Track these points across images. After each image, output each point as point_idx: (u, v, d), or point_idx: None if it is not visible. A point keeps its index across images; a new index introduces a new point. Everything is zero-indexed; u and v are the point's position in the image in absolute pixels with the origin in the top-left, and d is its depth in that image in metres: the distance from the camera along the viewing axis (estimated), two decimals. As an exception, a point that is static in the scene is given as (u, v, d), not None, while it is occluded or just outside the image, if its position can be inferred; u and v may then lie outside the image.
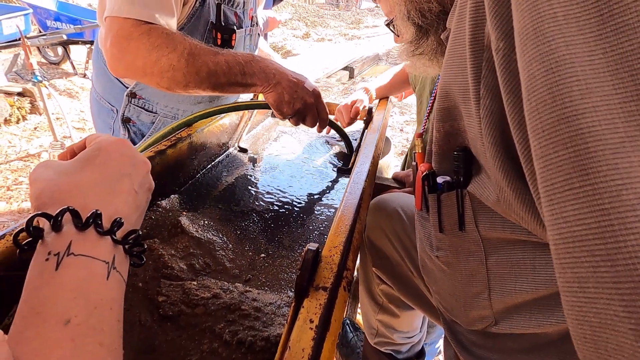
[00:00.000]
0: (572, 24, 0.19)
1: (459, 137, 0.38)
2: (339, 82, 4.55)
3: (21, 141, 2.42)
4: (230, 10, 0.86)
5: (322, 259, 0.45)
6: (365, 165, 0.72)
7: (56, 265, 0.27)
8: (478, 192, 0.37)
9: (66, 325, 0.24)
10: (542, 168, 0.20)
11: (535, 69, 0.20)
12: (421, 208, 0.48)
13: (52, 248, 0.28)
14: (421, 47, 0.51)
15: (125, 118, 0.90)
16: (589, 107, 0.18)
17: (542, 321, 0.40)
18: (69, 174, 0.32)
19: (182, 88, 0.66)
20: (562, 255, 0.19)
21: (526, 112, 0.21)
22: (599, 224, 0.18)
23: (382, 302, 0.82)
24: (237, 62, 0.66)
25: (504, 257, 0.39)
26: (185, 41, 0.65)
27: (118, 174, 0.34)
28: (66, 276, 0.27)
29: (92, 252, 0.28)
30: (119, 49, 0.65)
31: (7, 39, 3.33)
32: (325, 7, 11.32)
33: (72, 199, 0.30)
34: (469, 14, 0.31)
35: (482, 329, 0.46)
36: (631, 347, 0.17)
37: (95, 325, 0.26)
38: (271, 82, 0.68)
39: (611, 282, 0.17)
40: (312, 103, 0.72)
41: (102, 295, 0.28)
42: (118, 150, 0.36)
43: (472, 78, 0.31)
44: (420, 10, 0.47)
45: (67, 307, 0.25)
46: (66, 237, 0.28)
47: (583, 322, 0.19)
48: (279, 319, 0.48)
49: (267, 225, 0.70)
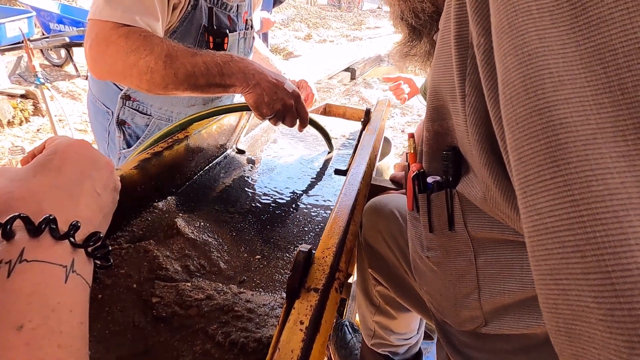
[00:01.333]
0: (546, 17, 0.19)
1: (448, 136, 0.38)
2: (341, 83, 4.56)
3: (24, 143, 2.44)
4: (223, 14, 0.86)
5: (315, 260, 0.45)
6: (361, 166, 0.72)
7: (8, 273, 0.27)
8: (466, 191, 0.37)
9: (19, 330, 0.25)
10: (516, 160, 0.20)
11: (509, 62, 0.20)
12: (412, 208, 0.48)
13: (3, 256, 0.27)
14: (414, 48, 0.51)
15: (120, 120, 0.91)
16: (561, 99, 0.18)
17: (530, 322, 0.40)
18: (23, 180, 0.32)
19: (161, 90, 0.67)
20: (536, 248, 0.19)
21: (501, 105, 0.21)
22: (568, 215, 0.18)
23: (379, 303, 0.82)
24: (216, 63, 0.66)
25: (493, 257, 0.39)
26: (162, 43, 0.65)
27: (76, 176, 0.34)
28: (19, 283, 0.27)
29: (46, 257, 0.28)
30: (98, 52, 0.65)
31: (11, 41, 3.36)
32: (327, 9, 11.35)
33: (26, 206, 0.30)
34: (453, 12, 0.31)
35: (472, 329, 0.46)
36: (601, 337, 0.17)
37: (53, 329, 0.26)
38: (250, 82, 0.68)
39: (581, 274, 0.17)
40: (291, 104, 0.72)
41: (60, 298, 0.27)
42: (76, 153, 0.35)
43: (457, 76, 0.31)
44: (413, 10, 0.47)
45: (20, 312, 0.25)
46: (19, 245, 0.28)
47: (557, 314, 0.19)
48: (272, 320, 0.48)
49: (263, 227, 0.70)
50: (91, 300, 0.49)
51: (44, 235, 0.29)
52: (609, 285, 0.16)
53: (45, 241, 0.29)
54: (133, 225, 0.62)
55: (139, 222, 0.63)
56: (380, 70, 5.69)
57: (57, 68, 3.84)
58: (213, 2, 0.83)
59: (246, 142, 1.05)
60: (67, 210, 0.32)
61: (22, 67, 3.49)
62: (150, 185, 0.68)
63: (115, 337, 0.45)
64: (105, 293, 0.50)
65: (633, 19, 0.17)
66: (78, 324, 0.28)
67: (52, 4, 3.97)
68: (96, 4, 0.65)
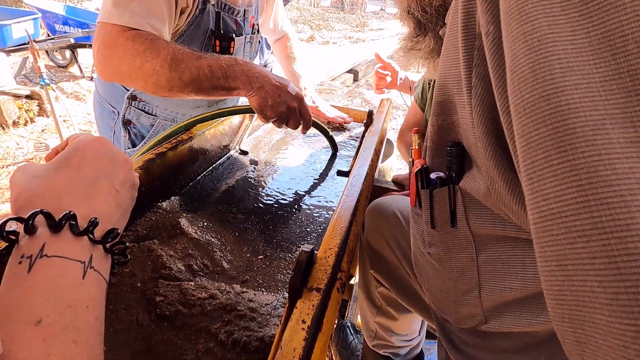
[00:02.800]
0: (556, 3, 0.19)
1: (452, 132, 0.38)
2: (343, 84, 4.56)
3: (29, 143, 2.45)
4: (230, 18, 0.87)
5: (317, 260, 0.46)
6: (363, 168, 0.73)
7: (28, 268, 0.27)
8: (469, 187, 0.37)
9: (37, 326, 0.25)
10: (524, 146, 0.20)
11: (518, 48, 0.20)
12: (415, 204, 0.48)
13: (25, 251, 0.28)
14: (419, 44, 0.51)
15: (126, 120, 0.92)
16: (569, 85, 0.18)
17: (531, 320, 0.40)
18: (44, 177, 0.33)
19: (166, 92, 0.68)
20: (541, 234, 0.19)
21: (509, 92, 0.21)
22: (575, 199, 0.17)
23: (381, 304, 0.82)
24: (220, 66, 0.67)
25: (495, 254, 0.39)
26: (168, 47, 0.66)
27: (95, 174, 0.34)
28: (38, 278, 0.27)
29: (66, 252, 0.29)
30: (105, 55, 0.67)
31: (16, 42, 3.39)
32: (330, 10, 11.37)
33: (47, 202, 0.31)
34: (461, 3, 0.31)
35: (472, 327, 0.46)
36: (606, 322, 0.17)
37: (69, 325, 0.26)
38: (254, 85, 0.69)
39: (587, 258, 0.17)
40: (295, 107, 0.73)
41: (77, 294, 0.28)
42: (95, 150, 0.36)
43: (464, 67, 0.31)
44: (421, 3, 0.48)
45: (39, 307, 0.26)
46: (40, 240, 0.28)
47: (561, 301, 0.19)
48: (274, 319, 0.49)
49: (265, 227, 0.71)
50: (96, 298, 0.50)
51: (64, 231, 0.29)
52: (615, 269, 0.16)
53: (65, 237, 0.29)
54: (137, 225, 0.63)
55: (143, 222, 0.64)
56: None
57: (62, 69, 3.87)
58: (220, 7, 0.84)
59: (249, 143, 1.06)
60: (86, 206, 0.32)
61: (27, 68, 3.52)
62: (155, 186, 0.69)
63: (119, 335, 0.45)
64: (109, 291, 0.51)
65: None
66: (94, 320, 0.28)
67: (57, 6, 4.00)
68: (105, 7, 0.66)
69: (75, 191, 0.33)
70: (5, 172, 2.11)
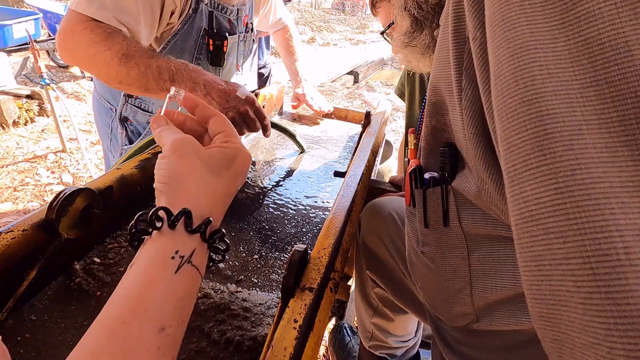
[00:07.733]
0: (538, 11, 0.20)
1: (445, 132, 0.39)
2: (344, 86, 4.57)
3: (29, 143, 2.46)
4: (223, 17, 0.88)
5: (311, 260, 0.46)
6: (359, 168, 0.73)
7: (177, 268, 0.27)
8: (461, 187, 0.37)
9: (160, 332, 0.25)
10: (505, 150, 0.21)
11: (501, 54, 0.21)
12: (409, 204, 0.48)
13: (179, 247, 0.28)
14: (415, 40, 0.52)
15: (123, 117, 0.92)
16: (549, 91, 0.19)
17: (521, 318, 0.40)
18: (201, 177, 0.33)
19: (117, 84, 0.69)
20: (521, 235, 0.20)
21: (493, 97, 0.22)
22: (552, 202, 0.18)
23: (377, 305, 0.82)
24: (169, 68, 0.67)
25: (486, 253, 0.40)
26: (123, 42, 0.67)
27: (235, 188, 0.36)
28: (179, 283, 0.27)
29: (200, 265, 0.29)
30: (63, 38, 0.69)
31: (17, 42, 3.40)
32: (331, 12, 11.39)
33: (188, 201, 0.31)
34: (451, 6, 0.31)
35: (464, 325, 0.46)
36: (580, 321, 0.17)
37: (178, 339, 0.27)
38: (200, 92, 0.68)
39: (563, 259, 0.18)
40: (245, 110, 0.71)
41: (190, 309, 0.28)
42: (246, 166, 0.36)
43: (454, 70, 0.32)
44: (417, 1, 0.48)
45: (167, 314, 0.26)
46: (192, 244, 0.29)
47: (540, 300, 0.19)
48: (268, 319, 0.49)
49: (261, 227, 0.71)
50: (90, 297, 0.50)
51: (200, 240, 0.30)
52: (589, 269, 0.17)
53: (202, 248, 0.30)
54: (133, 224, 0.63)
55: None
56: (384, 74, 5.70)
57: (62, 69, 3.87)
58: (214, 6, 0.84)
59: (247, 144, 1.06)
60: (209, 211, 0.32)
61: (28, 67, 3.53)
62: (151, 185, 0.69)
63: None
64: (104, 290, 0.51)
65: (621, 13, 0.17)
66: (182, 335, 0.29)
67: (58, 6, 4.01)
68: None
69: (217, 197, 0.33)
70: (5, 172, 2.11)
